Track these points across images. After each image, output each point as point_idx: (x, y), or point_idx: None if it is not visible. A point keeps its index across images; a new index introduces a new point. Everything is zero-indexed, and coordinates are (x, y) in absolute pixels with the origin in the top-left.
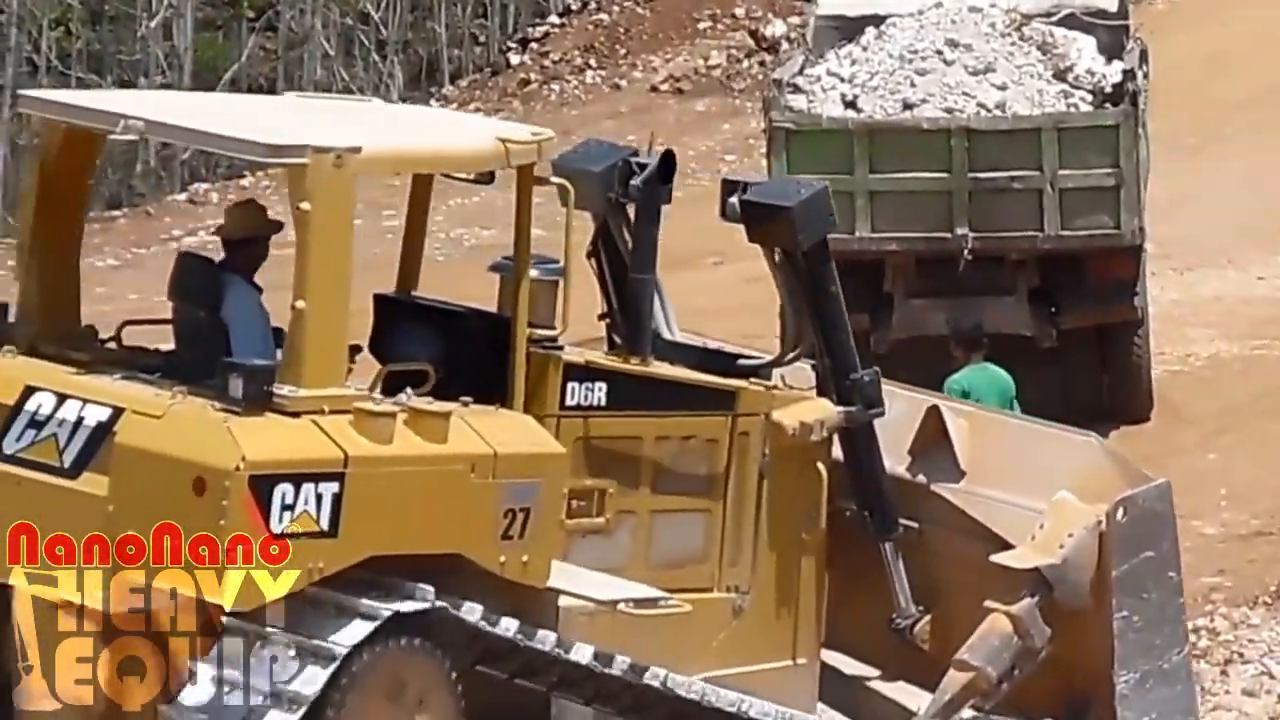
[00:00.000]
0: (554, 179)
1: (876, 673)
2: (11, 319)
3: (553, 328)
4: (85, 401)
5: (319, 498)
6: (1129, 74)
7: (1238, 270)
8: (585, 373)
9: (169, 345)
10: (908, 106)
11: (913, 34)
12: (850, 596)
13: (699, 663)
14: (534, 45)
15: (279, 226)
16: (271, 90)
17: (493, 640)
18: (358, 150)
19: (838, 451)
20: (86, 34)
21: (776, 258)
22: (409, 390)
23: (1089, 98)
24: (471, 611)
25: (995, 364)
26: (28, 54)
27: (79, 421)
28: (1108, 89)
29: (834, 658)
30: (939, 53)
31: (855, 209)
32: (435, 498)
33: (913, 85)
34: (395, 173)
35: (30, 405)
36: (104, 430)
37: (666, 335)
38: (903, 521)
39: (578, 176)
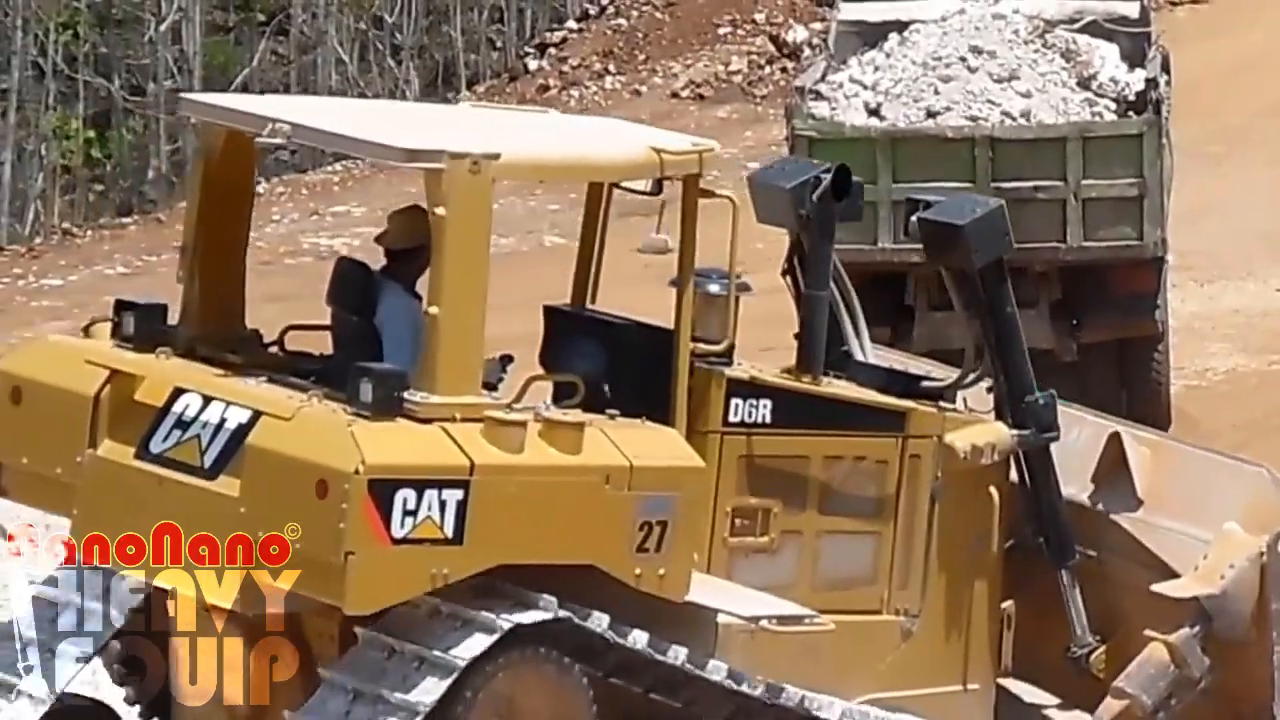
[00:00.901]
0: (720, 192)
1: (1056, 701)
2: (171, 321)
3: (718, 342)
4: (228, 404)
5: (443, 504)
6: (1152, 82)
7: (1258, 283)
8: (750, 389)
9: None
10: (931, 114)
11: (936, 40)
12: (1033, 624)
13: (865, 685)
14: (552, 51)
15: None
16: (285, 94)
17: (624, 653)
18: (496, 156)
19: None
20: (94, 37)
21: (953, 277)
22: (547, 400)
23: (1113, 106)
24: (599, 622)
25: None
26: (34, 57)
27: (221, 423)
28: (1131, 97)
29: (1017, 686)
30: (963, 59)
31: (878, 219)
32: (567, 508)
33: (936, 93)
34: (536, 179)
35: (178, 407)
36: (243, 432)
37: (858, 356)
38: (1080, 550)
39: (770, 193)
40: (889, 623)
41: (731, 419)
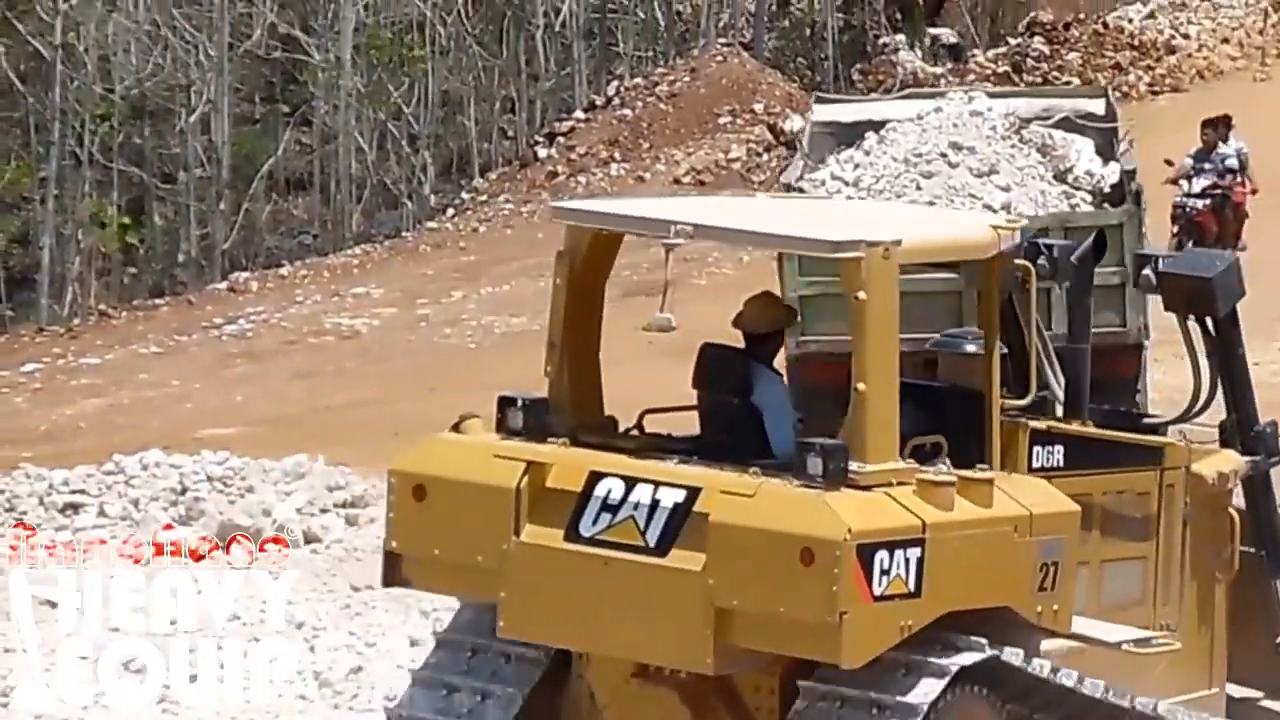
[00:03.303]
0: (1018, 260)
1: (1260, 694)
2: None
3: (1021, 398)
4: (656, 484)
5: (906, 562)
6: (1131, 174)
7: None
8: (1047, 437)
9: (674, 430)
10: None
11: (915, 138)
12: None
13: (1146, 695)
14: (561, 139)
15: (795, 317)
16: (308, 182)
17: (1048, 690)
18: (899, 243)
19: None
20: (128, 127)
21: (1190, 323)
22: (946, 461)
23: (1089, 198)
24: (1032, 662)
25: None
26: (71, 147)
27: (655, 504)
28: (1106, 189)
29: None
30: (943, 155)
31: None
32: (990, 557)
33: (919, 188)
34: (922, 262)
35: (599, 491)
36: (683, 509)
37: (1059, 397)
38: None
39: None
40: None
41: (1034, 465)
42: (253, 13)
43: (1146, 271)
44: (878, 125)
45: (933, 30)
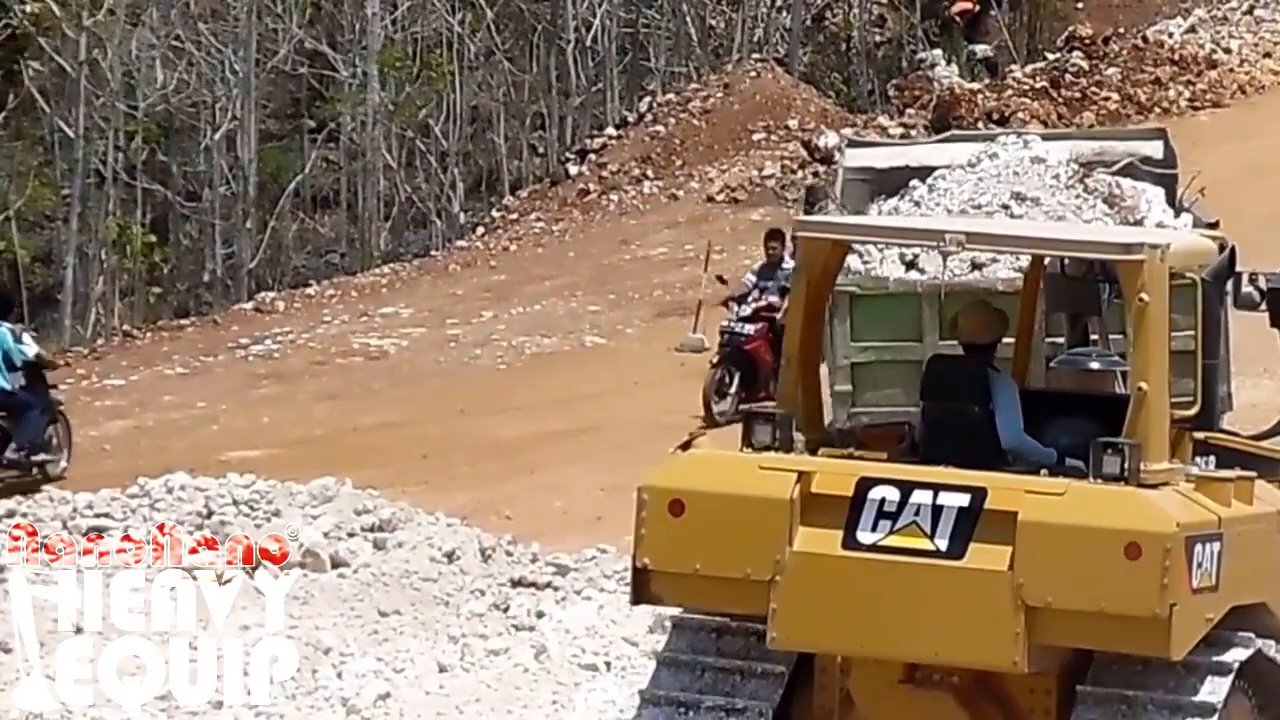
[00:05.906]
0: (1189, 274)
1: None
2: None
3: (1189, 406)
4: (936, 488)
5: (1211, 555)
6: (1214, 225)
7: (1275, 379)
8: (1204, 447)
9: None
10: (976, 266)
11: (971, 187)
12: None
13: None
14: (592, 156)
15: (1008, 327)
16: (335, 200)
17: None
18: (1169, 247)
19: None
20: (152, 145)
21: None
22: (1203, 460)
23: None
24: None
25: None
26: (95, 166)
27: (938, 507)
28: None
29: None
30: (1005, 207)
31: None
32: (1260, 551)
33: None
34: (1179, 267)
35: (873, 497)
36: (972, 511)
37: None
38: None
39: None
40: None
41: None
42: (279, 29)
43: (1248, 288)
44: (916, 171)
45: (969, 45)
